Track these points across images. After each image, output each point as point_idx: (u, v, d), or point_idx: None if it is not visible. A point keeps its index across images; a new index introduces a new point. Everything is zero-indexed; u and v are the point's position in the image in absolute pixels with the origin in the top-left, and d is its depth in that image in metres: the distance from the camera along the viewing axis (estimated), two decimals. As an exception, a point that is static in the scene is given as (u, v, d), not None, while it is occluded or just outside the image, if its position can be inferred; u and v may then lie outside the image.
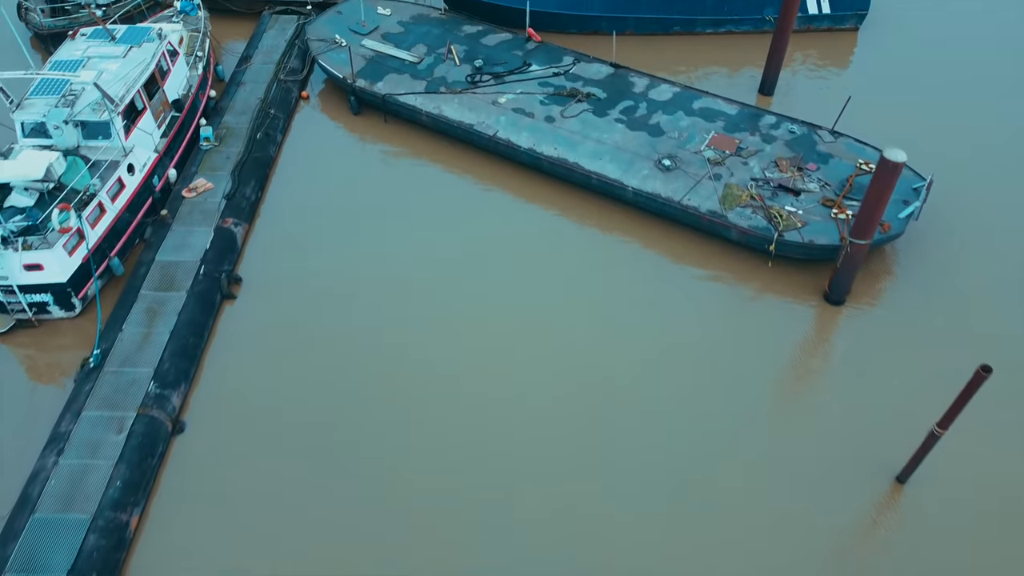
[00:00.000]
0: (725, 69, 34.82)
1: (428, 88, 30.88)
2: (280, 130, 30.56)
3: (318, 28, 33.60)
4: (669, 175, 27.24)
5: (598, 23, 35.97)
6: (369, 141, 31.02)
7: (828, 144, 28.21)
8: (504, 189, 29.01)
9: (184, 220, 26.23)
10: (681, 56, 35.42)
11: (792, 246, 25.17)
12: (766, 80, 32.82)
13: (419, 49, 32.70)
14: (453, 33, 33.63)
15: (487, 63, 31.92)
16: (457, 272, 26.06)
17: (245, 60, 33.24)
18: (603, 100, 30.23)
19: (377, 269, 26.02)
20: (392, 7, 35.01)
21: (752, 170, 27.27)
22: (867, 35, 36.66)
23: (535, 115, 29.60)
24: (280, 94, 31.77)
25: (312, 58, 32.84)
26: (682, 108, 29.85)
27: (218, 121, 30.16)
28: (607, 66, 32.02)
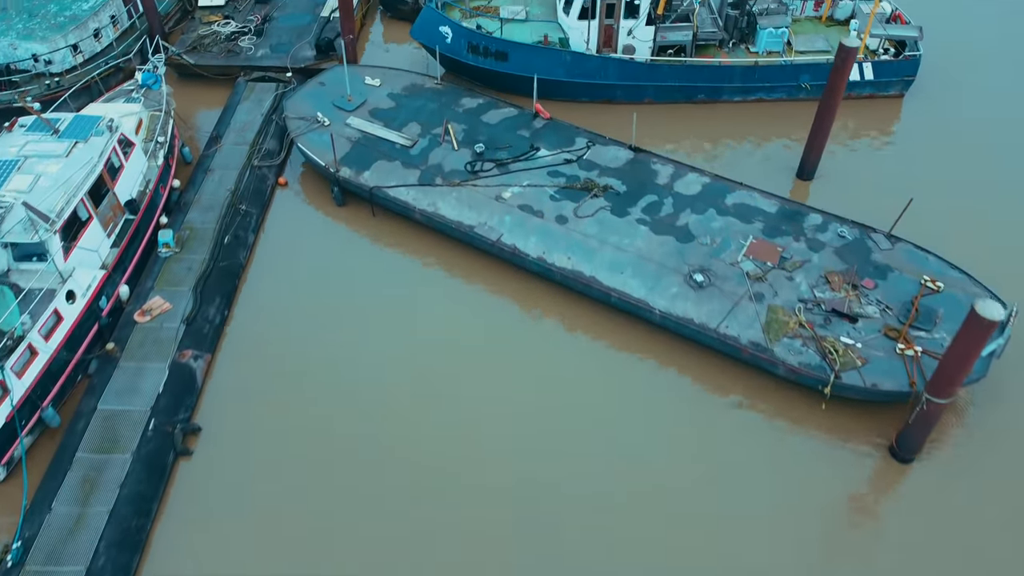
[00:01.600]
0: (757, 144, 30.95)
1: (422, 179, 26.97)
2: (253, 229, 26.65)
3: (297, 103, 29.69)
4: (702, 293, 23.35)
5: (612, 92, 32.11)
6: (355, 239, 27.12)
7: (885, 253, 24.32)
8: (511, 298, 25.10)
9: (134, 354, 22.32)
10: (707, 128, 31.56)
11: (851, 389, 21.28)
12: (806, 164, 28.90)
13: (412, 129, 28.81)
14: (450, 108, 29.74)
15: (489, 146, 28.04)
16: (459, 403, 22.18)
17: (215, 141, 29.32)
18: (622, 194, 26.34)
19: (365, 406, 22.14)
20: (382, 76, 31.12)
21: (799, 288, 23.37)
22: (913, 102, 32.81)
23: (545, 214, 25.71)
24: (254, 183, 27.87)
25: (290, 140, 28.92)
26: (713, 204, 25.96)
27: (181, 220, 26.24)
28: (625, 149, 28.14)
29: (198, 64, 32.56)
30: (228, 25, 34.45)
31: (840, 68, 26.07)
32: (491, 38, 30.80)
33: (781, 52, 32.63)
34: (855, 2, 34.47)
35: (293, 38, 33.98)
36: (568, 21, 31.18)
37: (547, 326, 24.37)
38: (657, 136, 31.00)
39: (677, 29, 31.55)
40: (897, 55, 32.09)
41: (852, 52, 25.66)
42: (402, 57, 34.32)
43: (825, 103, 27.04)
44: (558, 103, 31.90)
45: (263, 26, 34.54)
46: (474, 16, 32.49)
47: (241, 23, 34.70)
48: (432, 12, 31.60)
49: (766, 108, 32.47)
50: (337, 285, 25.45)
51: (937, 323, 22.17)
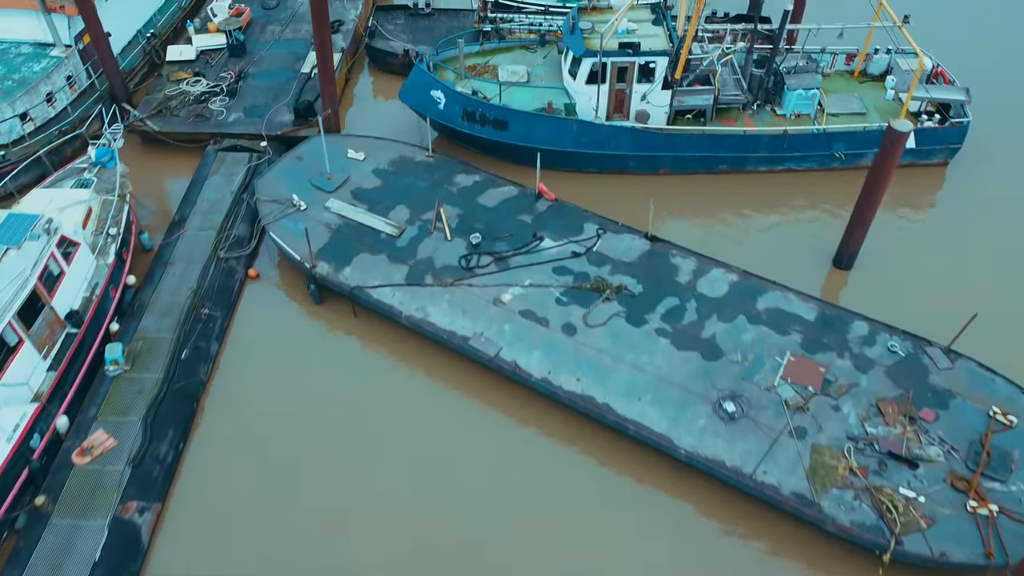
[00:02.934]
0: (787, 222, 27.65)
1: (410, 276, 23.67)
2: (216, 336, 23.34)
3: (271, 183, 26.38)
4: (734, 427, 20.04)
5: (624, 162, 28.81)
6: (336, 344, 23.82)
7: (944, 373, 21.04)
8: (516, 419, 21.83)
9: (70, 506, 19.02)
10: (729, 202, 28.27)
11: (915, 558, 17.96)
12: (844, 253, 25.58)
13: (399, 213, 25.51)
14: (443, 187, 26.44)
15: (486, 235, 24.74)
16: (456, 554, 18.87)
17: (178, 226, 26.01)
18: (639, 297, 23.05)
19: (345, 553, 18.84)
20: (367, 148, 27.81)
21: (847, 420, 20.07)
22: (959, 171, 29.51)
23: (550, 322, 22.40)
24: (220, 278, 24.56)
25: (262, 227, 25.59)
26: (743, 310, 22.66)
27: (134, 328, 22.93)
28: (641, 238, 24.84)
29: (163, 131, 29.25)
30: (198, 83, 31.14)
31: (887, 154, 22.78)
32: (489, 105, 27.50)
33: (811, 115, 29.36)
34: (891, 55, 31.19)
35: (270, 99, 30.68)
36: (575, 86, 27.88)
37: (562, 458, 21.06)
38: (674, 210, 27.76)
39: (696, 93, 28.24)
40: (942, 120, 28.78)
41: (902, 138, 22.37)
42: (391, 117, 30.98)
43: (868, 190, 23.76)
44: (564, 174, 28.63)
45: (237, 85, 31.24)
46: (470, 78, 29.19)
47: (212, 81, 31.39)
48: (422, 75, 28.29)
49: (795, 179, 29.17)
50: (314, 404, 22.14)
51: (1013, 470, 18.88)
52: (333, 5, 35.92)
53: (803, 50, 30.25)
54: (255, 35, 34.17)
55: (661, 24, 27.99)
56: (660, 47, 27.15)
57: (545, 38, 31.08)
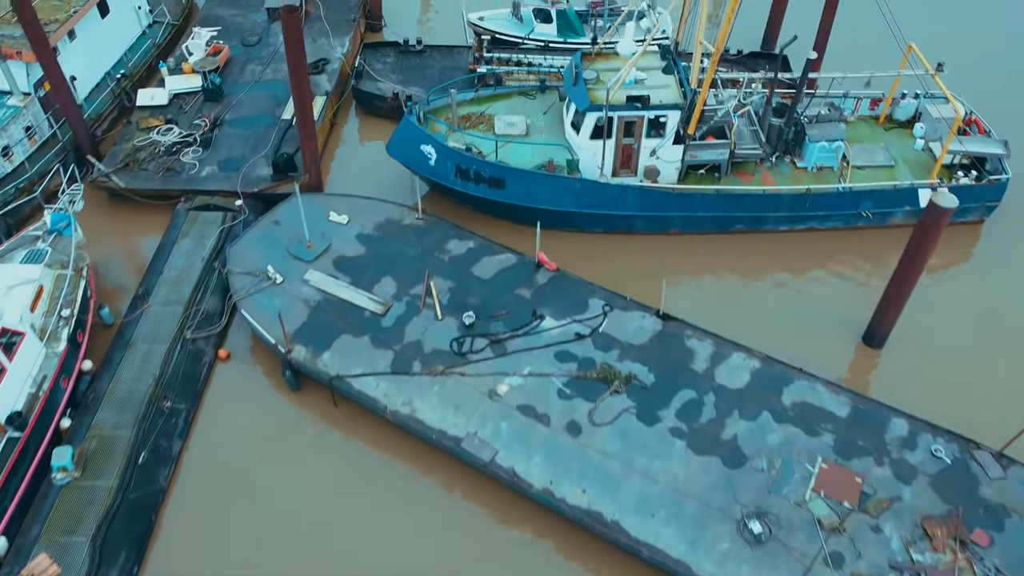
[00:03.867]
0: (810, 289, 25.29)
1: (396, 363, 21.28)
2: (180, 433, 20.96)
3: (244, 252, 24.00)
4: (761, 553, 17.66)
5: (632, 222, 26.45)
6: (312, 436, 21.45)
7: (997, 484, 18.70)
8: (519, 529, 19.45)
9: (3, 652, 16.66)
10: (746, 266, 25.95)
11: None
12: (875, 330, 23.22)
13: (385, 287, 23.14)
14: (433, 255, 24.06)
15: (481, 312, 22.38)
16: None
17: (141, 300, 23.60)
18: (651, 388, 20.68)
19: None
20: (351, 209, 25.43)
21: (890, 544, 17.71)
22: (996, 229, 27.16)
23: (551, 420, 20.03)
24: (186, 362, 22.17)
25: (233, 304, 23.19)
26: (767, 405, 20.30)
27: (87, 424, 20.50)
28: (652, 317, 22.47)
29: (130, 188, 26.86)
30: (170, 132, 28.73)
31: (928, 231, 20.41)
32: (484, 162, 25.12)
33: (834, 167, 27.02)
34: (919, 100, 28.84)
35: (247, 150, 28.27)
36: (578, 140, 25.51)
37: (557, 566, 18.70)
38: (686, 275, 25.49)
39: (711, 147, 25.89)
40: (978, 175, 26.42)
41: (945, 215, 19.99)
42: (379, 168, 28.52)
43: (905, 269, 21.39)
44: (566, 234, 26.29)
45: (211, 134, 28.82)
46: (462, 131, 26.80)
47: (185, 129, 28.99)
48: (411, 128, 25.91)
49: (818, 239, 26.79)
50: (289, 508, 19.76)
51: (1082, 609, 16.53)
52: (318, 42, 33.59)
53: (825, 95, 27.89)
54: (233, 75, 31.77)
55: (672, 73, 25.62)
56: (672, 100, 24.78)
57: (545, 83, 28.68)
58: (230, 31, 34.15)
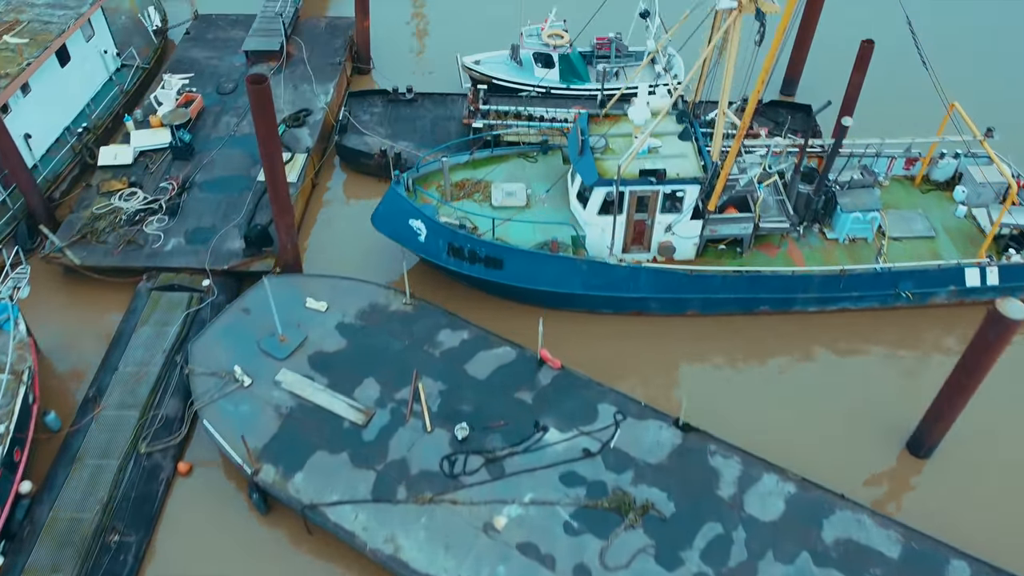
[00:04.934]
0: (843, 380, 22.60)
1: (378, 488, 18.56)
2: (129, 572, 18.22)
3: (209, 347, 21.28)
4: None
5: (645, 304, 23.76)
6: (283, 568, 18.73)
7: (1078, 650, 15.97)
8: None
9: None
10: (771, 351, 23.34)
11: None
12: (922, 439, 20.51)
13: (367, 390, 20.43)
14: (423, 350, 21.36)
15: (476, 421, 19.70)
16: None
17: (93, 401, 20.90)
18: (671, 520, 17.97)
19: None
20: (331, 293, 22.72)
21: None
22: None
23: (557, 562, 17.32)
24: (140, 481, 19.44)
25: (195, 411, 20.46)
26: (806, 543, 17.60)
27: (22, 564, 17.77)
28: (670, 428, 19.77)
29: (86, 265, 24.16)
30: (133, 197, 26.03)
31: (990, 344, 17.72)
32: (480, 241, 22.44)
33: (868, 239, 24.39)
34: (960, 160, 26.18)
35: (217, 218, 25.58)
36: (585, 216, 22.84)
37: None
38: (705, 361, 22.94)
39: (732, 221, 23.25)
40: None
41: (1013, 328, 17.29)
42: (365, 233, 25.71)
43: (959, 382, 18.74)
44: (571, 314, 23.67)
45: (179, 199, 26.11)
46: (457, 197, 24.14)
47: (151, 193, 26.29)
48: (398, 199, 23.24)
49: (852, 320, 24.11)
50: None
51: None
52: (300, 89, 30.89)
53: (856, 155, 25.19)
54: (206, 129, 29.06)
55: (690, 139, 22.92)
56: (691, 173, 22.09)
57: (547, 144, 25.98)
58: (204, 76, 31.44)
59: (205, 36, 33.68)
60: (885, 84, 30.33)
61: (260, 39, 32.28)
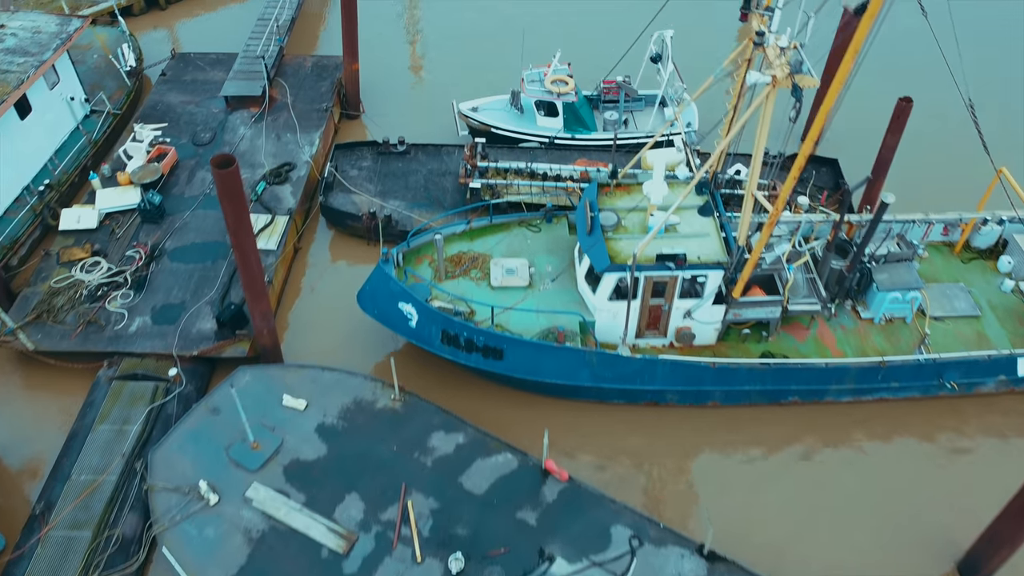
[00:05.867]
0: (882, 478, 20.27)
1: (360, 634, 16.22)
2: None
3: (171, 456, 18.86)
4: None
5: (661, 396, 21.40)
6: None
7: None
8: None
9: None
10: (801, 441, 21.10)
11: None
12: (976, 563, 18.13)
13: (349, 508, 18.04)
14: (413, 457, 18.98)
15: (472, 548, 17.34)
16: None
17: (41, 517, 18.51)
18: None
19: None
20: (311, 386, 20.31)
21: None
22: (1109, 399, 22.13)
23: None
24: (89, 622, 17.10)
25: (153, 535, 18.05)
26: None
27: None
28: (693, 556, 17.39)
29: (41, 350, 21.78)
30: (96, 268, 23.66)
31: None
32: (477, 330, 20.08)
33: (907, 320, 22.08)
34: (1004, 227, 23.86)
35: (188, 293, 23.21)
36: (594, 300, 20.51)
37: None
38: (727, 457, 20.58)
39: (758, 304, 20.88)
40: (1085, 332, 21.46)
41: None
42: (351, 307, 23.26)
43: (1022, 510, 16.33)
44: (579, 404, 21.37)
45: (147, 271, 23.73)
46: (451, 275, 21.79)
47: (116, 262, 23.93)
48: (385, 280, 20.89)
49: (890, 410, 21.81)
50: None
51: None
52: (283, 139, 28.52)
53: (897, 233, 22.83)
54: (179, 185, 26.68)
55: (711, 215, 20.55)
56: (713, 256, 19.74)
57: (552, 209, 23.63)
58: (180, 124, 29.06)
59: (182, 78, 31.28)
60: (920, 143, 27.96)
61: (241, 83, 29.89)
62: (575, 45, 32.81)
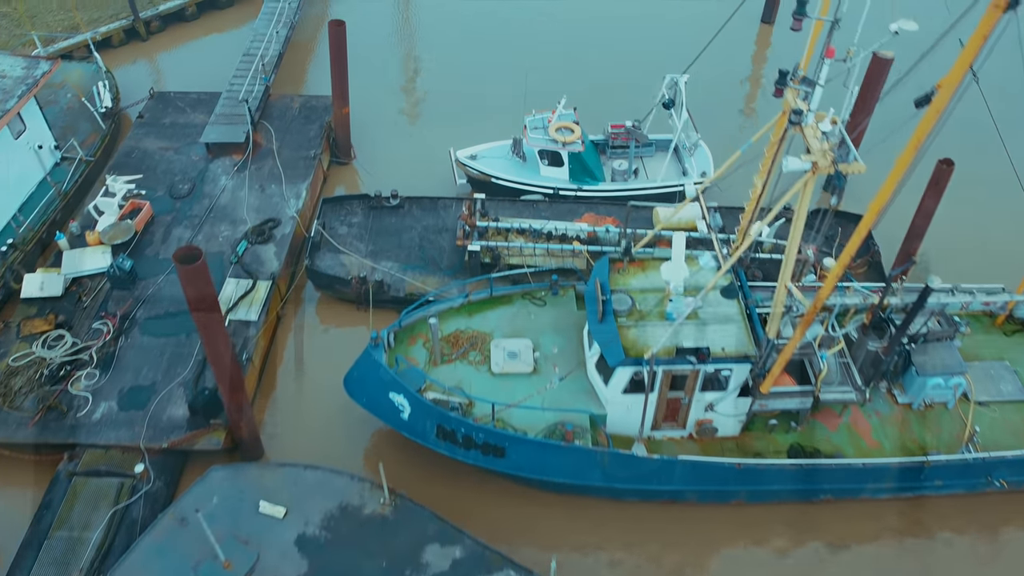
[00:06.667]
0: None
1: None
2: None
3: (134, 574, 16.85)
4: None
5: (680, 495, 19.38)
6: None
7: None
8: None
9: None
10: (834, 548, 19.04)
11: None
12: None
13: (332, 641, 16.03)
14: (402, 574, 16.98)
15: None
16: None
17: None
18: None
19: None
20: (292, 489, 18.17)
21: None
22: None
23: None
24: None
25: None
26: None
27: None
28: None
29: (-7, 442, 19.80)
30: (60, 343, 21.63)
31: None
32: (477, 427, 18.06)
33: (949, 405, 20.06)
34: (1050, 298, 21.84)
35: (159, 371, 21.19)
36: (606, 393, 18.50)
37: None
38: (746, 547, 18.77)
39: (786, 395, 18.86)
40: None
41: None
42: (338, 388, 21.21)
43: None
44: (591, 502, 19.37)
45: (115, 346, 21.69)
46: (448, 359, 19.77)
47: (83, 334, 21.92)
48: (374, 367, 18.88)
49: (932, 507, 19.79)
50: None
51: None
52: (267, 191, 26.51)
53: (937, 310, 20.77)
54: (154, 244, 24.66)
55: (735, 296, 18.50)
56: (739, 348, 17.71)
57: (559, 284, 21.59)
58: (156, 174, 27.03)
59: (160, 120, 29.23)
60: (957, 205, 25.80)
61: (223, 128, 27.87)
62: (581, 84, 30.80)
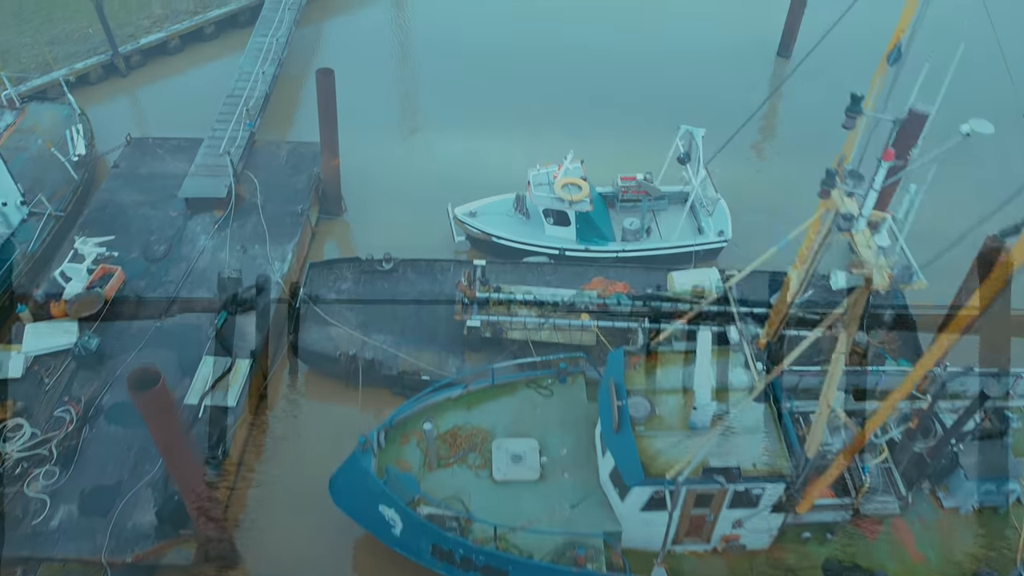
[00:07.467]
0: None
1: None
2: None
3: None
4: None
5: (704, 616, 17.33)
6: None
7: None
8: None
9: None
10: None
11: None
12: None
13: None
14: None
15: None
16: None
17: None
18: None
19: None
20: (267, 618, 16.30)
21: None
22: None
23: None
24: None
25: None
26: None
27: None
28: None
29: (-61, 556, 17.78)
30: (18, 434, 19.63)
31: None
32: (476, 548, 16.06)
33: (1000, 510, 18.07)
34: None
35: (126, 470, 19.16)
36: (623, 510, 16.50)
37: None
38: None
39: (824, 509, 16.87)
40: None
41: None
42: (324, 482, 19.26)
43: None
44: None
45: (79, 438, 19.68)
46: (444, 462, 17.78)
47: (43, 424, 19.91)
48: (361, 476, 16.89)
49: (982, 630, 17.73)
50: None
51: None
52: (249, 252, 24.53)
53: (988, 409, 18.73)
54: (124, 316, 22.60)
55: (765, 400, 16.49)
56: (772, 464, 15.69)
57: (565, 369, 19.60)
58: (130, 232, 25.01)
59: (137, 170, 27.20)
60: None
61: (203, 180, 25.88)
62: (588, 134, 28.77)
